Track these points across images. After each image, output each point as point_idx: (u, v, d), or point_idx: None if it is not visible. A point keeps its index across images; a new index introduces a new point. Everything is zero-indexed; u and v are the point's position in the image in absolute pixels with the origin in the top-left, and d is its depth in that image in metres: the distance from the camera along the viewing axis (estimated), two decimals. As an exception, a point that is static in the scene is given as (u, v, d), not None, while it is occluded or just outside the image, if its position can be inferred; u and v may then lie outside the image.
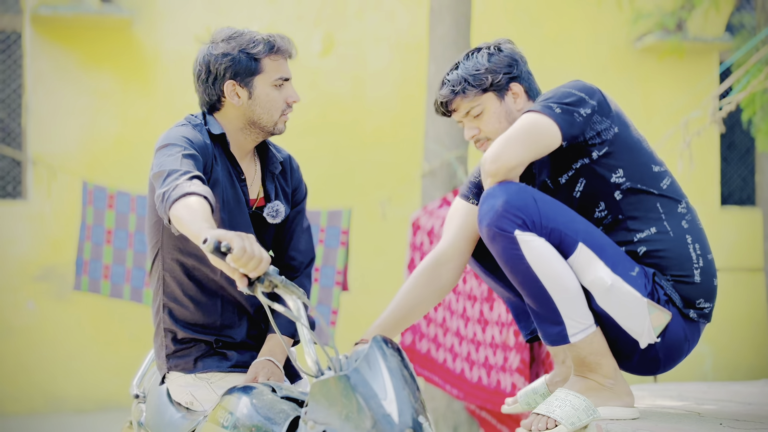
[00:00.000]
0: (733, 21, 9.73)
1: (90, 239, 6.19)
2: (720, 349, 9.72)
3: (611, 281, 2.95)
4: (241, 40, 3.14)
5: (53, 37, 8.54)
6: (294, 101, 3.19)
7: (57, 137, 8.55)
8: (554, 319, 2.99)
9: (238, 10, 8.91)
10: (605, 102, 3.07)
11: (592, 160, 3.06)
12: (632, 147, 3.08)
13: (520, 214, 2.93)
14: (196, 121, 3.18)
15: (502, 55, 3.24)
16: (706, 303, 3.09)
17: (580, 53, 9.39)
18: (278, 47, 3.15)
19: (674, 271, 3.05)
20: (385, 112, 9.17)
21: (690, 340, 3.10)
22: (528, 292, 2.99)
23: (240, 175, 3.18)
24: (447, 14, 6.77)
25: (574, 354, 3.06)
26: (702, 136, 8.77)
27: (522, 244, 2.92)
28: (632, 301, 2.97)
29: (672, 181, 3.14)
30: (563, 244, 2.96)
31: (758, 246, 9.17)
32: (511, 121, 3.20)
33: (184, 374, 3.18)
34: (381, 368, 2.44)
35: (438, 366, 5.67)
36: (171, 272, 3.17)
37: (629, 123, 3.13)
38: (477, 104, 3.21)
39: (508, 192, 2.96)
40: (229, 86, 3.14)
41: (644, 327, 2.99)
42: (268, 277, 2.50)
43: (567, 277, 2.95)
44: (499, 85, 3.21)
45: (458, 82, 3.21)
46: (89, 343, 8.61)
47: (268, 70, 3.15)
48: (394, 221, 8.43)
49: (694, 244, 3.08)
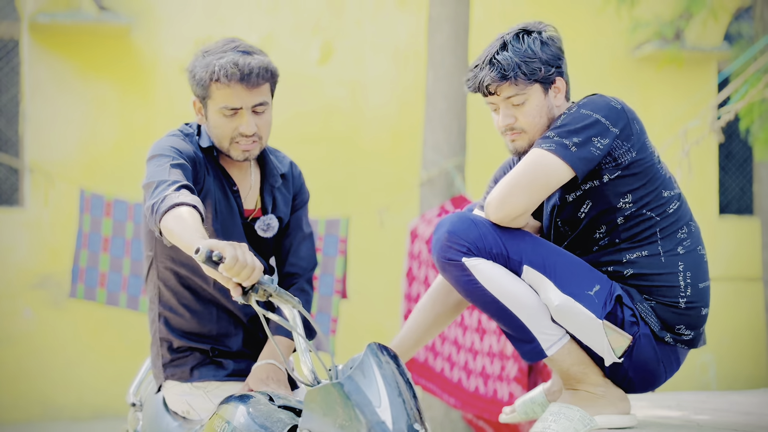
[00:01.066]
0: (732, 30, 9.74)
1: (86, 247, 6.18)
2: (719, 358, 9.71)
3: (559, 301, 2.90)
4: (203, 61, 3.05)
5: (51, 44, 8.54)
6: (245, 133, 3.05)
7: (55, 145, 8.54)
8: (525, 337, 2.96)
9: (236, 18, 8.91)
10: (629, 126, 2.97)
11: (602, 183, 2.99)
12: (646, 173, 2.99)
13: (464, 242, 2.90)
14: (189, 130, 3.17)
15: (555, 47, 3.10)
16: (687, 330, 3.03)
17: (580, 62, 9.40)
18: (222, 77, 3.00)
19: (658, 296, 3.00)
20: (383, 120, 9.17)
21: (665, 363, 3.04)
22: (492, 314, 2.97)
23: (232, 185, 3.16)
24: (445, 23, 6.77)
25: (557, 368, 3.03)
26: (700, 146, 8.77)
27: (472, 269, 2.89)
28: (586, 321, 2.91)
29: (681, 204, 3.06)
30: (509, 266, 2.93)
31: (756, 255, 9.16)
32: (549, 117, 3.08)
33: (180, 383, 3.17)
34: (375, 376, 2.43)
35: (435, 375, 5.67)
36: (166, 281, 3.16)
37: (648, 145, 3.02)
38: (522, 93, 3.06)
39: (450, 222, 2.94)
40: (195, 103, 3.13)
41: (604, 346, 2.94)
42: (262, 285, 2.48)
43: (525, 294, 2.93)
44: (548, 78, 3.07)
45: (511, 67, 3.04)
46: (86, 351, 8.59)
47: (215, 98, 3.05)
48: (392, 230, 8.42)
49: (686, 272, 3.01)
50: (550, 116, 3.09)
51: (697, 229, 3.11)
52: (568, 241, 3.12)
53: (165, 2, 8.79)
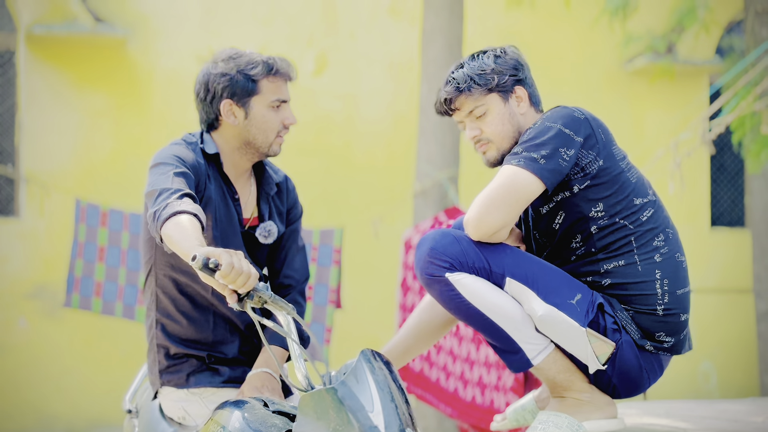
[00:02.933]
0: (723, 44, 9.80)
1: (81, 256, 6.20)
2: (713, 368, 9.75)
3: (543, 311, 2.95)
4: (241, 60, 3.17)
5: (47, 55, 8.58)
6: (291, 123, 3.22)
7: (50, 155, 8.58)
8: (511, 348, 3.01)
9: (232, 30, 8.96)
10: (592, 134, 3.03)
11: (573, 194, 3.05)
12: (615, 181, 3.05)
13: (446, 258, 2.95)
14: (192, 139, 3.22)
15: (508, 58, 3.21)
16: (668, 337, 3.08)
17: (572, 75, 9.46)
18: (277, 69, 3.18)
19: (636, 304, 3.05)
20: (377, 132, 9.21)
21: (648, 370, 3.08)
22: (477, 327, 3.02)
23: (234, 194, 3.21)
24: (439, 36, 6.83)
25: (543, 377, 3.08)
26: (692, 158, 8.82)
27: (455, 284, 2.95)
28: (570, 329, 2.97)
29: (655, 211, 3.10)
30: (492, 279, 2.98)
31: (747, 267, 9.20)
32: (513, 124, 3.17)
33: (176, 389, 3.20)
34: (368, 381, 2.47)
35: (431, 384, 5.69)
36: (164, 288, 3.20)
37: (616, 153, 3.08)
38: (481, 104, 3.17)
39: (432, 238, 3.00)
40: (226, 105, 3.17)
41: (588, 354, 2.99)
42: (257, 292, 2.53)
43: (508, 305, 2.98)
44: (505, 87, 3.17)
45: (464, 80, 3.16)
46: (81, 361, 8.60)
47: (265, 92, 3.18)
48: (386, 240, 8.46)
49: (663, 279, 3.05)
50: (515, 124, 3.18)
51: (675, 236, 3.14)
52: (546, 252, 3.18)
53: (161, 14, 8.84)
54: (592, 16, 8.71)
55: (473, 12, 8.94)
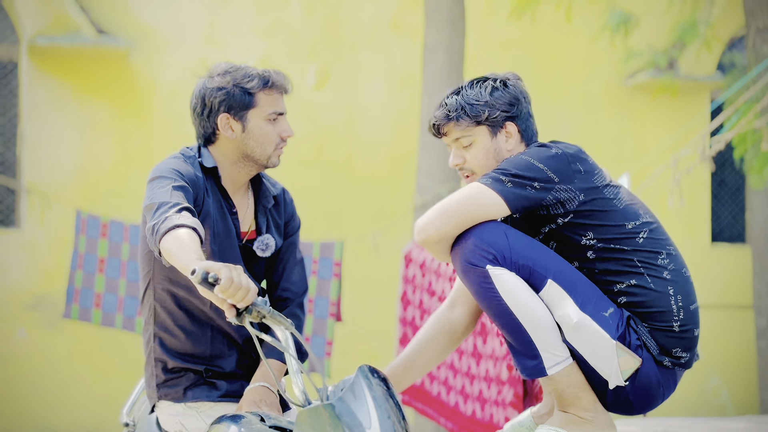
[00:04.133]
0: (725, 60, 9.81)
1: (81, 268, 6.21)
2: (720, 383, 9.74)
3: (577, 319, 2.96)
4: (237, 74, 3.18)
5: (50, 67, 8.60)
6: (288, 136, 3.22)
7: (52, 166, 8.59)
8: (530, 353, 3.01)
9: (233, 43, 8.98)
10: (569, 171, 3.03)
11: (559, 226, 3.06)
12: (599, 211, 3.05)
13: (491, 249, 2.95)
14: (190, 153, 3.22)
15: (506, 92, 3.18)
16: (684, 352, 3.08)
17: (573, 90, 9.47)
18: (273, 82, 3.19)
19: (653, 321, 3.05)
20: (378, 145, 9.22)
21: (664, 386, 3.09)
22: (502, 325, 3.02)
23: (231, 208, 3.22)
24: (441, 50, 6.84)
25: (552, 388, 3.08)
26: (693, 173, 8.82)
27: (494, 278, 2.94)
28: (600, 341, 2.98)
29: (651, 232, 3.10)
30: (532, 280, 2.98)
31: (748, 283, 9.20)
32: (498, 159, 3.16)
33: (173, 403, 3.19)
34: (366, 397, 2.47)
35: (432, 398, 5.68)
36: (162, 302, 3.20)
37: (597, 182, 3.07)
38: (468, 135, 3.17)
39: (480, 228, 3.00)
40: (223, 119, 3.18)
41: (612, 368, 3.00)
42: (256, 307, 2.53)
43: (539, 311, 2.98)
44: (495, 122, 3.16)
45: (455, 108, 3.17)
46: (80, 373, 8.60)
47: (262, 105, 3.18)
48: (386, 254, 8.46)
49: (677, 295, 3.06)
50: (499, 160, 3.17)
51: (677, 252, 3.14)
52: None
53: (163, 26, 8.86)
54: (594, 31, 8.72)
55: (475, 26, 8.96)
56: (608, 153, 9.23)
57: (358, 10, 9.24)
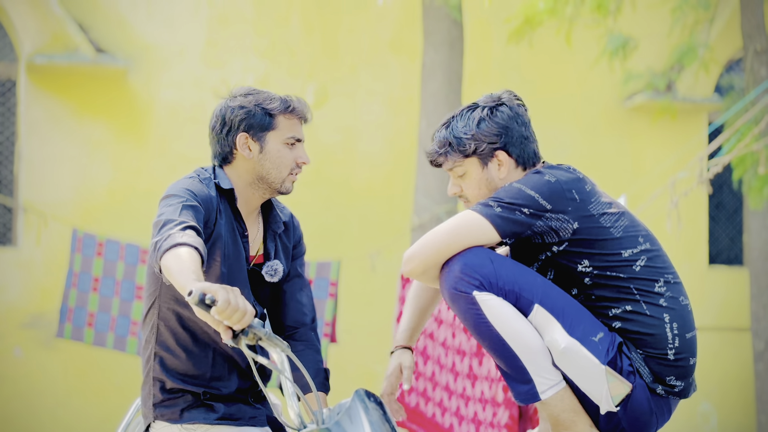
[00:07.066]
0: (723, 82, 9.83)
1: (76, 286, 6.19)
2: (711, 408, 9.72)
3: (566, 344, 2.95)
4: (259, 96, 3.23)
5: (48, 85, 8.60)
6: (303, 162, 3.29)
7: (49, 185, 8.58)
8: (522, 378, 3.00)
9: (232, 62, 8.99)
10: (563, 198, 3.02)
11: (554, 254, 3.06)
12: (596, 238, 3.03)
13: (477, 276, 2.96)
14: (205, 174, 3.23)
15: (492, 122, 3.17)
16: (678, 381, 3.06)
17: (571, 112, 9.48)
18: (294, 107, 3.25)
19: (647, 348, 3.04)
20: (376, 165, 9.23)
21: (657, 414, 3.07)
22: (493, 351, 3.01)
23: (243, 231, 3.22)
24: (439, 71, 6.86)
25: (547, 412, 3.06)
26: (690, 196, 8.83)
27: (481, 303, 2.94)
28: (589, 366, 2.96)
29: (649, 260, 3.08)
30: (519, 304, 2.97)
31: (745, 306, 9.19)
32: (491, 188, 3.17)
33: (169, 424, 3.17)
34: (362, 421, 2.46)
35: (427, 420, 5.67)
36: (166, 321, 3.18)
37: (594, 210, 3.05)
38: (459, 166, 3.20)
39: (465, 254, 3.00)
40: (242, 138, 3.20)
41: (602, 393, 2.98)
42: (252, 329, 2.52)
43: (529, 335, 2.97)
44: (483, 153, 3.17)
45: (443, 144, 3.21)
46: (75, 392, 8.57)
47: (281, 128, 3.23)
48: (383, 274, 8.44)
49: (672, 323, 3.04)
50: (492, 189, 3.18)
51: (677, 280, 3.12)
52: None
53: (162, 45, 8.87)
54: (593, 53, 8.73)
55: (473, 48, 8.98)
56: (606, 174, 9.23)
57: (357, 31, 9.26)
